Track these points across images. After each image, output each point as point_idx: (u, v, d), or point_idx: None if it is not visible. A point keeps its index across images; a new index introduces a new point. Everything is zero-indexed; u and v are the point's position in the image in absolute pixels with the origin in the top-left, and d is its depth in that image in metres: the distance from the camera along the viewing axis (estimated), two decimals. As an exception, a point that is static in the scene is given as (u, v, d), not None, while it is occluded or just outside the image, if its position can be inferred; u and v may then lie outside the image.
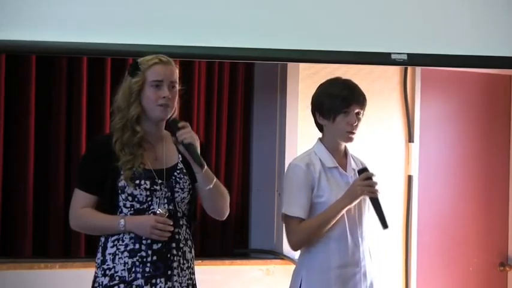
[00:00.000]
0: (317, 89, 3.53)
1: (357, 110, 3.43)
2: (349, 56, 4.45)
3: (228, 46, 4.26)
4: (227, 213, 3.31)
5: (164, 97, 3.18)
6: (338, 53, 4.41)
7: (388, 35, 4.50)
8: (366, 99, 3.48)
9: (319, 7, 4.40)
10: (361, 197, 3.40)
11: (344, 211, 3.37)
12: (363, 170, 3.42)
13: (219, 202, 3.27)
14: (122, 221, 3.13)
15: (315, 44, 4.38)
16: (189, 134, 3.17)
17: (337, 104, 3.42)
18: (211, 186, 3.21)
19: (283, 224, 3.47)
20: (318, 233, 3.37)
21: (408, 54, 4.48)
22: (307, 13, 4.38)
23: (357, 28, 4.45)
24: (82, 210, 3.18)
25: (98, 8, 4.08)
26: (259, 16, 4.32)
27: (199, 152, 3.17)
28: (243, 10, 4.30)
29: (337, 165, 3.47)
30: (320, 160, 3.45)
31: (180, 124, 3.20)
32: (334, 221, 3.36)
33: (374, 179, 3.40)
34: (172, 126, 3.21)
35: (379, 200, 3.41)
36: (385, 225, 3.40)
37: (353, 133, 3.44)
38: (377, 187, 3.39)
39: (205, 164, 3.17)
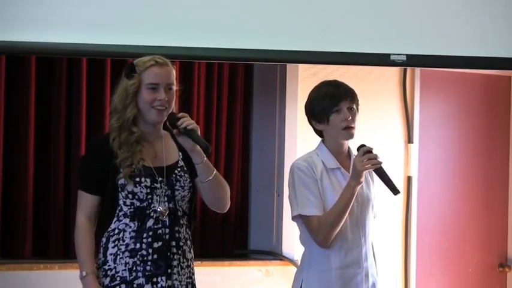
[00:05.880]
0: (307, 96, 3.51)
1: (347, 106, 3.40)
2: (348, 57, 4.45)
3: (227, 47, 4.26)
4: (228, 206, 3.29)
5: (160, 99, 3.17)
6: (337, 54, 4.41)
7: (387, 36, 4.50)
8: (355, 94, 3.44)
9: (318, 8, 4.40)
10: (364, 174, 3.33)
11: (356, 192, 3.31)
12: (361, 147, 3.38)
13: (220, 193, 3.25)
14: (84, 273, 3.11)
15: (314, 45, 4.38)
16: (191, 121, 3.17)
17: (327, 105, 3.40)
18: (211, 177, 3.21)
19: (303, 225, 3.40)
20: (339, 221, 3.32)
21: (407, 55, 4.47)
22: (307, 14, 4.38)
23: (356, 29, 4.45)
24: (80, 226, 3.16)
25: (97, 9, 4.08)
26: (259, 17, 4.32)
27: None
28: (243, 11, 4.30)
29: (340, 166, 3.44)
30: (322, 161, 3.43)
31: (180, 115, 3.20)
32: (351, 205, 3.32)
33: (373, 151, 3.35)
34: (172, 120, 3.19)
35: (384, 169, 3.36)
36: (395, 191, 3.36)
37: (351, 127, 3.40)
38: (378, 158, 3.33)
39: (210, 146, 3.18)
